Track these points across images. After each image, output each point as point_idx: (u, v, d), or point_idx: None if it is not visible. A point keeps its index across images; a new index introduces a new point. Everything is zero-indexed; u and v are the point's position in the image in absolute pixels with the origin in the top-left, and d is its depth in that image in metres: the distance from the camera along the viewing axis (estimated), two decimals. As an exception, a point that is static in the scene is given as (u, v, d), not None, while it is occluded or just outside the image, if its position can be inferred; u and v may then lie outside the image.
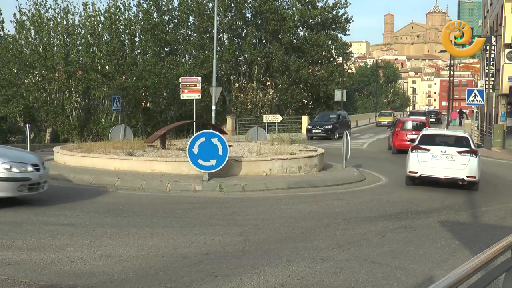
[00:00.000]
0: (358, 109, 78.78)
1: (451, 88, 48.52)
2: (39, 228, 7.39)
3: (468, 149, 12.83)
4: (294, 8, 46.46)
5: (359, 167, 16.46)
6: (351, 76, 63.96)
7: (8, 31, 40.89)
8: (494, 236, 7.78)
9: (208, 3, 43.04)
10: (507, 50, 29.79)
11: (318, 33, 45.46)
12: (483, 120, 39.33)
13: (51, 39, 34.94)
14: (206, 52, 40.30)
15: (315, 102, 51.15)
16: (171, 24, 42.49)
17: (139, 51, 38.53)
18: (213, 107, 23.98)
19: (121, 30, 36.99)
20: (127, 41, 37.39)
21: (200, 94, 24.12)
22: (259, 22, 44.58)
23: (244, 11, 44.68)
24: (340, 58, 48.19)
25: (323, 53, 47.70)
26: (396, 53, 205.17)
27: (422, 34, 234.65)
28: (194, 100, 24.29)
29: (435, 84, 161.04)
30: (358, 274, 5.75)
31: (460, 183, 12.71)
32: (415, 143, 13.54)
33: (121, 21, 37.01)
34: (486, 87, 31.83)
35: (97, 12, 36.72)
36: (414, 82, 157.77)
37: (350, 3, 47.10)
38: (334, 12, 47.62)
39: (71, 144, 17.06)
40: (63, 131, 34.46)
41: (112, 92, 32.51)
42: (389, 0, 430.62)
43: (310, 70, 46.62)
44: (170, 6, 42.14)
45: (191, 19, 43.72)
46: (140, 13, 39.52)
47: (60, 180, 12.24)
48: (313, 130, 31.26)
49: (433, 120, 50.81)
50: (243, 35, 44.77)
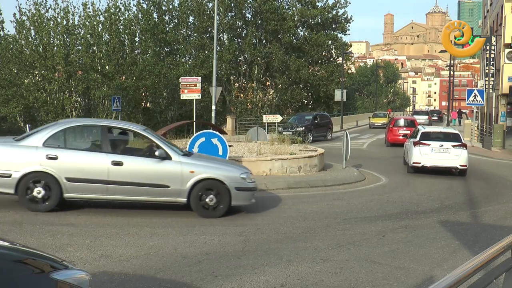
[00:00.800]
0: (358, 109, 78.77)
1: (451, 88, 48.53)
2: (39, 228, 7.38)
3: (460, 143, 15.53)
4: (294, 8, 46.47)
5: (359, 167, 16.46)
6: (351, 76, 63.98)
7: (8, 31, 40.91)
8: (494, 236, 7.78)
9: (208, 3, 43.05)
10: (507, 50, 29.79)
11: (318, 33, 45.47)
12: (483, 120, 39.32)
13: (51, 39, 34.95)
14: (206, 52, 40.30)
15: (315, 102, 51.17)
16: (171, 24, 42.49)
17: (139, 51, 38.54)
18: (213, 107, 23.96)
19: (121, 30, 36.99)
20: (127, 41, 37.40)
21: (200, 94, 24.11)
22: (259, 22, 44.59)
23: (244, 11, 44.69)
24: (340, 58, 48.18)
25: (323, 53, 47.71)
26: (396, 53, 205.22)
27: (422, 34, 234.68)
28: (194, 100, 24.29)
29: (435, 84, 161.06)
30: (358, 274, 5.75)
31: (454, 171, 15.42)
32: (417, 139, 15.75)
33: (121, 21, 37.01)
34: (486, 87, 31.81)
35: (97, 12, 36.72)
36: (414, 82, 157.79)
37: (350, 3, 47.11)
38: (334, 12, 47.64)
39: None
40: (63, 131, 34.44)
41: (112, 92, 32.52)
42: (389, 0, 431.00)
43: (310, 70, 46.63)
44: (170, 6, 42.15)
45: (191, 19, 43.73)
46: (140, 13, 39.53)
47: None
48: (284, 132, 27.01)
49: (436, 119, 56.16)
50: (243, 35, 44.77)
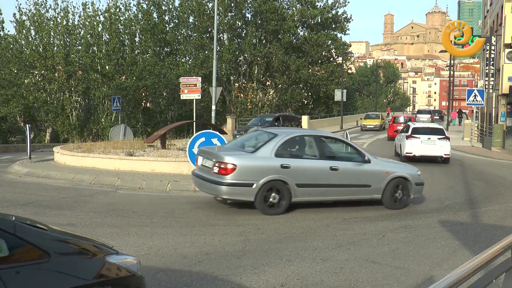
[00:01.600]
0: (358, 109, 78.76)
1: (451, 88, 48.52)
2: (39, 228, 7.37)
3: (444, 136, 18.58)
4: (294, 8, 46.49)
5: (359, 167, 16.42)
6: (351, 76, 64.00)
7: (8, 31, 40.93)
8: (494, 236, 7.77)
9: (208, 3, 43.07)
10: (507, 50, 29.78)
11: (318, 33, 45.49)
12: (483, 120, 39.32)
13: (51, 39, 34.98)
14: (206, 52, 40.32)
15: (315, 102, 51.21)
16: (171, 24, 42.53)
17: (139, 51, 38.56)
18: (213, 107, 23.94)
19: (121, 30, 37.02)
20: (127, 41, 37.44)
21: (200, 94, 24.10)
22: (259, 22, 44.61)
23: (244, 11, 44.71)
24: (340, 58, 48.22)
25: (323, 53, 47.74)
26: (396, 53, 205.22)
27: (422, 34, 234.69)
28: (194, 100, 24.28)
29: (435, 84, 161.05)
30: (358, 274, 5.75)
31: (439, 159, 18.24)
32: (409, 133, 18.65)
33: (121, 21, 37.04)
34: (486, 87, 31.80)
35: (97, 12, 36.77)
36: (414, 82, 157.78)
37: (349, 2, 47.26)
38: (334, 12, 47.66)
39: (71, 144, 17.08)
40: (63, 131, 34.48)
41: (112, 92, 32.54)
42: (389, 0, 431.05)
43: (310, 70, 46.66)
44: (170, 6, 42.19)
45: (191, 19, 43.76)
46: (140, 13, 39.55)
47: (60, 180, 12.24)
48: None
49: (437, 118, 60.15)
50: (243, 35, 44.79)
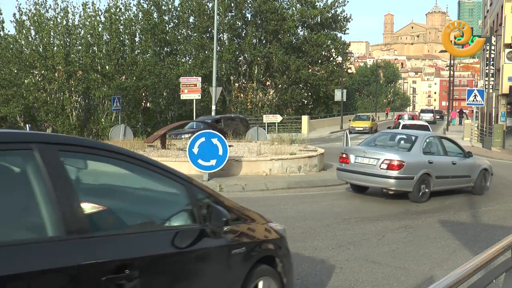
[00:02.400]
0: (358, 109, 78.76)
1: (451, 88, 48.55)
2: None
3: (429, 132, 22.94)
4: (294, 8, 46.49)
5: (359, 167, 16.43)
6: (351, 76, 64.00)
7: (8, 31, 40.91)
8: (494, 236, 7.77)
9: (208, 3, 43.06)
10: (507, 50, 29.80)
11: (318, 33, 45.49)
12: (483, 120, 39.33)
13: (51, 39, 34.95)
14: (206, 52, 40.31)
15: (315, 102, 51.19)
16: (171, 24, 42.51)
17: (139, 51, 38.54)
18: (213, 107, 23.97)
19: (121, 30, 36.99)
20: (127, 41, 37.41)
21: (200, 94, 24.14)
22: (259, 22, 44.60)
23: (244, 11, 44.71)
24: (340, 58, 48.21)
25: (323, 53, 47.73)
26: (396, 53, 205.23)
27: (422, 34, 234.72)
28: (194, 100, 24.31)
29: (435, 84, 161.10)
30: (358, 274, 5.75)
31: None
32: (399, 128, 22.48)
33: (121, 21, 37.01)
34: (486, 87, 31.82)
35: (97, 12, 36.73)
36: (414, 82, 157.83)
37: (348, 1, 47.19)
38: (333, 11, 47.66)
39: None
40: (63, 131, 34.46)
41: (112, 92, 32.52)
42: (389, 0, 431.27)
43: (310, 70, 46.65)
44: (170, 6, 42.17)
45: (191, 19, 43.75)
46: (140, 13, 39.53)
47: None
48: (172, 141, 20.46)
49: (438, 117, 63.94)
50: (243, 35, 44.79)
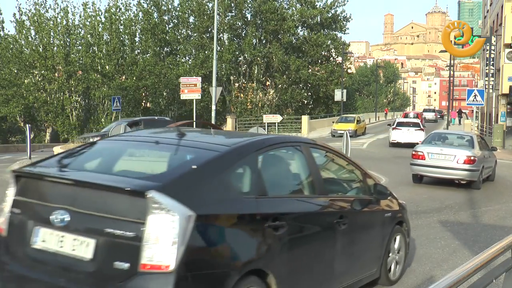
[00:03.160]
0: (358, 109, 78.81)
1: (451, 88, 48.56)
2: (39, 228, 7.36)
3: (420, 128, 25.81)
4: (294, 8, 46.51)
5: (359, 167, 16.40)
6: (351, 76, 64.03)
7: (8, 31, 40.93)
8: (494, 236, 7.78)
9: (208, 3, 43.08)
10: (507, 50, 29.81)
11: (318, 33, 45.51)
12: (483, 120, 39.34)
13: (51, 39, 34.99)
14: (206, 52, 40.33)
15: (315, 102, 51.20)
16: (171, 24, 42.54)
17: (139, 51, 38.57)
18: (213, 107, 23.97)
19: (121, 30, 37.03)
20: (127, 41, 37.44)
21: (200, 94, 24.15)
22: (259, 22, 44.62)
23: (244, 11, 44.72)
24: (340, 58, 48.22)
25: (323, 53, 47.75)
26: (396, 53, 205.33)
27: (422, 34, 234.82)
28: (194, 100, 24.32)
29: (435, 84, 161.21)
30: (358, 274, 5.74)
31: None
32: (394, 126, 26.19)
33: (121, 21, 37.05)
34: (486, 87, 31.84)
35: (97, 12, 36.77)
36: (414, 82, 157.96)
37: (348, 1, 47.16)
38: (333, 11, 47.67)
39: (71, 144, 17.07)
40: (63, 131, 34.49)
41: (112, 92, 32.56)
42: (389, 0, 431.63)
43: (310, 70, 46.66)
44: (170, 6, 42.19)
45: (191, 19, 43.78)
46: (140, 13, 39.57)
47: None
48: (88, 140, 18.99)
49: (439, 116, 66.23)
50: (243, 35, 44.81)
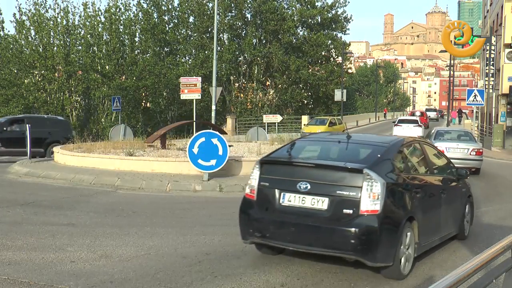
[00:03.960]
0: (358, 109, 78.83)
1: (451, 88, 48.54)
2: (39, 228, 7.38)
3: (418, 124, 30.64)
4: (294, 8, 46.50)
5: (359, 167, 16.39)
6: (351, 76, 64.03)
7: (8, 31, 40.91)
8: (494, 236, 7.78)
9: (208, 3, 43.07)
10: (507, 50, 29.80)
11: (318, 33, 45.51)
12: (483, 120, 39.34)
13: (51, 39, 34.97)
14: (206, 52, 40.32)
15: (315, 102, 51.20)
16: (171, 24, 42.51)
17: (139, 51, 38.55)
18: (213, 107, 23.96)
19: (121, 30, 37.01)
20: (127, 41, 37.43)
21: (200, 94, 24.12)
22: (259, 22, 44.61)
23: (244, 11, 44.71)
24: (340, 58, 48.21)
25: (323, 53, 47.74)
26: (396, 53, 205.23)
27: (422, 34, 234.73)
28: (194, 100, 24.30)
29: (435, 84, 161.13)
30: (358, 274, 5.75)
31: None
32: (396, 123, 31.90)
33: (121, 21, 37.03)
34: (486, 87, 31.83)
35: (97, 12, 36.76)
36: (414, 82, 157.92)
37: (349, 2, 47.18)
38: (334, 12, 47.67)
39: (71, 144, 17.07)
40: (63, 131, 34.44)
41: (112, 92, 32.54)
42: (389, 0, 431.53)
43: (310, 70, 46.65)
44: (170, 6, 42.17)
45: (191, 19, 43.76)
46: (140, 13, 39.55)
47: (60, 180, 12.24)
48: None
49: (439, 116, 69.35)
50: (243, 35, 44.79)
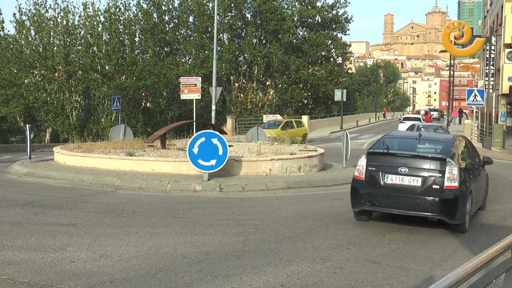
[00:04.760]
0: (358, 109, 78.81)
1: (451, 88, 48.54)
2: (39, 228, 7.38)
3: (420, 121, 32.58)
4: (294, 8, 46.49)
5: (359, 167, 16.40)
6: (351, 76, 64.02)
7: (8, 31, 40.93)
8: (494, 236, 7.78)
9: (208, 3, 43.05)
10: (507, 50, 29.78)
11: (317, 33, 45.50)
12: (483, 120, 39.32)
13: (51, 39, 34.95)
14: (206, 52, 40.30)
15: (315, 102, 51.20)
16: (171, 24, 42.50)
17: (139, 51, 38.53)
18: (213, 107, 23.95)
19: (121, 30, 36.99)
20: (127, 41, 37.40)
21: (200, 94, 24.12)
22: (259, 22, 44.60)
23: (244, 11, 44.70)
24: (340, 58, 48.20)
25: (323, 53, 47.74)
26: (396, 53, 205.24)
27: (422, 34, 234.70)
28: (194, 100, 24.30)
29: (435, 84, 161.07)
30: (358, 274, 5.75)
31: None
32: (401, 120, 37.26)
33: (121, 21, 37.01)
34: (486, 87, 31.81)
35: (97, 12, 36.74)
36: (414, 82, 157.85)
37: (350, 2, 47.17)
38: (334, 12, 47.65)
39: (71, 144, 17.07)
40: (63, 131, 34.46)
41: (112, 92, 32.52)
42: (389, 0, 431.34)
43: (310, 70, 46.64)
44: (170, 6, 42.15)
45: (191, 19, 43.74)
46: (140, 13, 39.52)
47: (60, 180, 12.25)
48: None
49: (440, 115, 72.95)
50: (243, 35, 44.78)
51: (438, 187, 7.68)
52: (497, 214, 9.85)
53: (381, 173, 8.00)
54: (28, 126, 16.46)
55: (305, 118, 39.66)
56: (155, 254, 6.26)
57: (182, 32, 43.02)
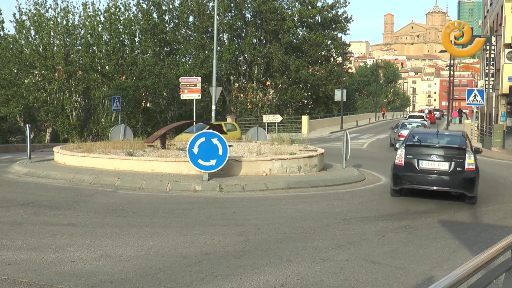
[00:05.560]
0: (358, 109, 78.80)
1: (451, 88, 48.54)
2: (39, 228, 7.38)
3: (424, 119, 33.98)
4: (294, 8, 46.49)
5: (359, 167, 16.45)
6: (351, 76, 63.98)
7: (8, 31, 40.92)
8: (494, 236, 7.78)
9: (208, 3, 43.05)
10: (507, 50, 29.78)
11: (317, 33, 45.51)
12: (483, 120, 39.32)
13: (51, 39, 34.93)
14: (206, 52, 40.30)
15: (315, 102, 51.20)
16: (171, 24, 42.48)
17: (139, 51, 38.51)
18: (213, 107, 23.96)
19: (121, 30, 36.97)
20: (127, 41, 37.38)
21: (200, 94, 24.13)
22: (259, 22, 44.60)
23: (244, 11, 44.70)
24: (340, 58, 48.20)
25: (322, 53, 47.74)
26: (396, 53, 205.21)
27: (422, 34, 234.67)
28: (194, 100, 24.31)
29: (435, 84, 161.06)
30: (358, 274, 5.75)
31: None
32: (407, 118, 36.60)
33: (121, 21, 36.99)
34: (486, 87, 31.80)
35: (97, 12, 36.72)
36: (414, 82, 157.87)
37: (349, 2, 47.17)
38: (334, 12, 47.66)
39: (71, 144, 17.06)
40: (63, 131, 34.46)
41: (112, 92, 32.51)
42: (389, 0, 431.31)
43: (310, 70, 46.64)
44: (170, 6, 42.13)
45: (191, 19, 43.73)
46: (140, 13, 39.50)
47: (60, 180, 12.25)
48: None
49: (441, 115, 75.50)
50: (243, 35, 44.78)
51: (461, 169, 10.29)
52: (497, 214, 9.85)
53: (417, 160, 10.60)
54: (28, 126, 16.45)
55: (305, 118, 39.69)
56: (155, 254, 6.26)
57: (182, 32, 43.00)
